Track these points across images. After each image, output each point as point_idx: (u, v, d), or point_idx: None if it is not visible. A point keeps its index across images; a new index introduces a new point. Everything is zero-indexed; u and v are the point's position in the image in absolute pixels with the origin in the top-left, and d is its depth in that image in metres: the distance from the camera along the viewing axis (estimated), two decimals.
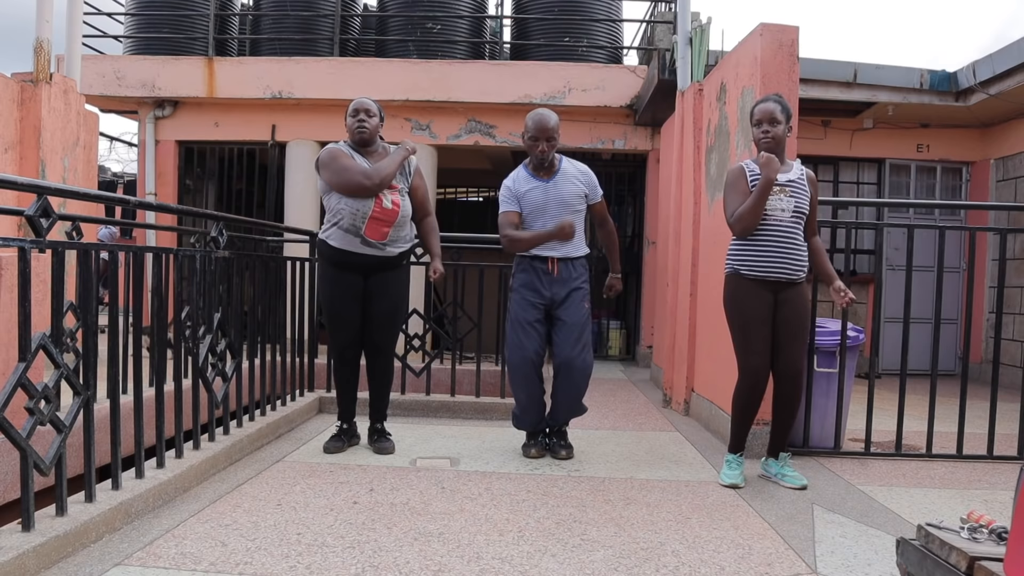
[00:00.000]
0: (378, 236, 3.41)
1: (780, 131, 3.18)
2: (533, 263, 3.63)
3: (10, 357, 3.47)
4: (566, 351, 3.58)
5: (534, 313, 3.62)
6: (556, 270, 3.60)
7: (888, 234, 7.37)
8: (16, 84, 5.09)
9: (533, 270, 3.63)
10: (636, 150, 7.95)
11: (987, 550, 1.77)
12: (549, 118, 3.58)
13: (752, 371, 3.20)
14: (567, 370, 3.59)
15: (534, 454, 3.67)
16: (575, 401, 3.67)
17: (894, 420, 3.82)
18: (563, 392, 3.64)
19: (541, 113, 3.60)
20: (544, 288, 3.61)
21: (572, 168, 3.69)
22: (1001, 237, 3.88)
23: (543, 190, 3.61)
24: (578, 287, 3.64)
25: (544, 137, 3.55)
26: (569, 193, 3.62)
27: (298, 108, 7.78)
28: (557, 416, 3.71)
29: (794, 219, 3.18)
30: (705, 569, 2.27)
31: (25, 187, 2.20)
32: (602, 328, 8.68)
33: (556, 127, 3.59)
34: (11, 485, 3.53)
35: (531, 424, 3.73)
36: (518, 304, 3.65)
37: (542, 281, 3.62)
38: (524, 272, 3.66)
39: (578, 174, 3.67)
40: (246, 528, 2.49)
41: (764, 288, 3.19)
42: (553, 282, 3.61)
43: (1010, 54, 5.88)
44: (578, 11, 8.00)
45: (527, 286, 3.64)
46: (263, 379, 3.98)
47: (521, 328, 3.62)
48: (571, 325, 3.59)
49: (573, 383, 3.61)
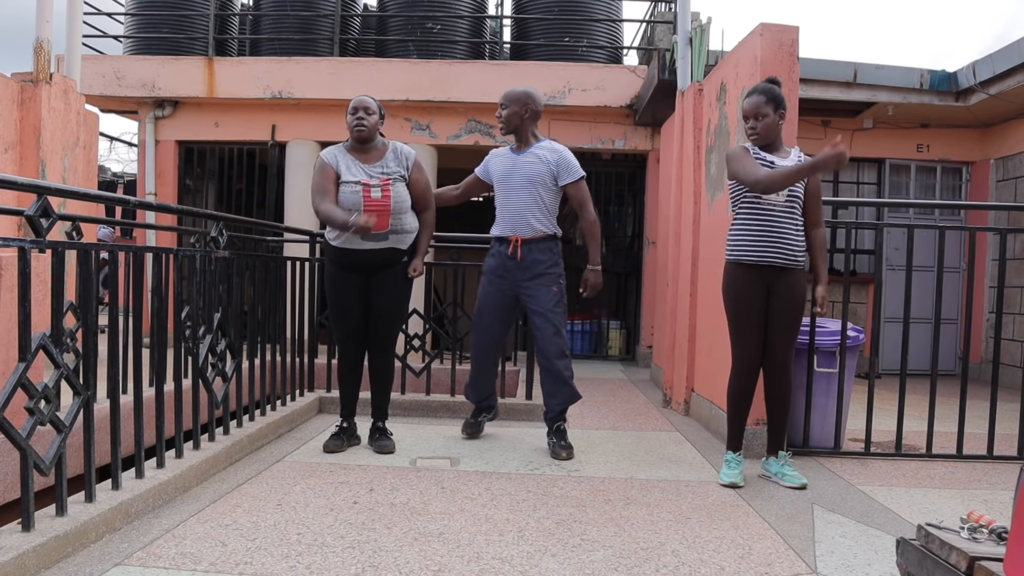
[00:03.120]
0: (379, 227, 3.41)
1: (768, 123, 3.18)
2: (500, 247, 3.80)
3: (10, 357, 3.47)
4: (539, 338, 3.74)
5: (498, 299, 3.81)
6: (519, 253, 3.70)
7: (888, 234, 7.37)
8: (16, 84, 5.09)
9: (499, 254, 3.79)
10: (636, 150, 7.95)
11: (987, 550, 1.77)
12: (514, 88, 3.78)
13: (743, 359, 3.24)
14: (543, 356, 3.74)
15: (467, 435, 3.98)
16: (560, 384, 3.73)
17: (894, 420, 3.82)
18: (545, 378, 3.78)
19: (511, 87, 3.82)
20: (508, 273, 3.76)
21: (546, 145, 3.78)
22: (1001, 237, 3.88)
23: (512, 162, 3.77)
24: (543, 272, 3.71)
25: (501, 104, 3.74)
26: (534, 169, 3.70)
27: (298, 108, 7.78)
28: (551, 407, 3.78)
29: (788, 204, 3.18)
30: (705, 569, 2.27)
31: (25, 187, 2.20)
32: (602, 328, 8.68)
33: (514, 96, 3.72)
34: (11, 485, 3.53)
35: (475, 395, 3.99)
36: (484, 289, 3.86)
37: (506, 266, 3.76)
38: (492, 257, 3.85)
39: (547, 152, 3.73)
40: (246, 528, 2.49)
41: (758, 277, 3.19)
42: (517, 267, 3.73)
43: (1010, 54, 5.88)
44: (578, 11, 8.00)
45: (494, 271, 3.82)
46: (263, 379, 3.98)
47: (482, 311, 3.85)
48: (536, 311, 3.73)
49: (553, 368, 3.72)
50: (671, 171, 5.72)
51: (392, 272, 3.56)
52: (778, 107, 3.19)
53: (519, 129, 3.75)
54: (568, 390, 3.75)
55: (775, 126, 3.20)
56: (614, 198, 9.04)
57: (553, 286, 3.71)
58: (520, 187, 3.69)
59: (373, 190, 3.43)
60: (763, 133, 3.20)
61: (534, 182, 3.68)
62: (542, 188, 3.68)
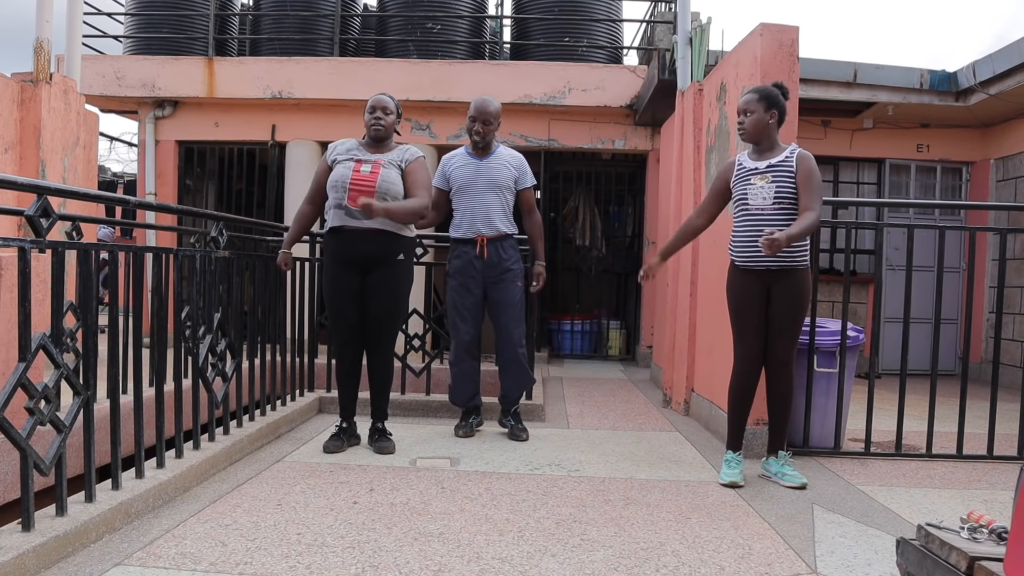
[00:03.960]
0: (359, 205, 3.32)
1: (756, 119, 3.20)
2: (464, 248, 3.94)
3: (10, 357, 3.47)
4: (504, 328, 3.96)
5: (469, 299, 3.97)
6: (486, 252, 3.90)
7: (888, 234, 7.37)
8: (16, 84, 5.09)
9: (464, 255, 3.95)
10: (636, 150, 7.95)
11: (987, 550, 1.77)
12: (489, 103, 3.94)
13: (744, 359, 3.26)
14: (508, 345, 3.98)
15: (461, 434, 4.04)
16: (521, 371, 4.05)
17: (894, 420, 3.82)
18: (510, 366, 4.02)
19: (483, 98, 3.98)
20: (476, 272, 3.94)
21: (506, 153, 4.03)
22: (1001, 237, 3.88)
23: (475, 167, 3.95)
24: (508, 268, 3.96)
25: (480, 119, 3.90)
26: (499, 175, 3.93)
27: (298, 108, 7.78)
28: (508, 391, 4.07)
29: (778, 205, 3.15)
30: (705, 569, 2.27)
31: (25, 187, 2.20)
32: (602, 328, 8.68)
33: (494, 112, 3.93)
34: (11, 485, 3.53)
35: (462, 399, 4.11)
36: (454, 290, 4.00)
37: (475, 265, 3.92)
38: (458, 258, 3.97)
39: (510, 158, 4.00)
40: (246, 528, 2.49)
41: (757, 279, 3.20)
42: (485, 265, 3.91)
43: (1010, 54, 5.88)
44: (578, 11, 7.99)
45: (461, 272, 3.97)
46: (263, 379, 3.98)
47: (457, 313, 3.99)
48: (504, 304, 3.95)
49: (513, 356, 3.99)
50: (671, 171, 5.72)
51: (388, 273, 3.55)
52: (770, 107, 3.18)
53: (487, 140, 3.97)
54: (528, 377, 4.14)
55: (764, 125, 3.19)
56: (614, 198, 9.04)
57: (518, 281, 3.99)
58: (485, 191, 3.91)
59: (363, 166, 3.50)
60: (750, 129, 3.22)
61: (500, 186, 3.93)
62: (506, 191, 3.96)
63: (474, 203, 3.91)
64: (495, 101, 3.99)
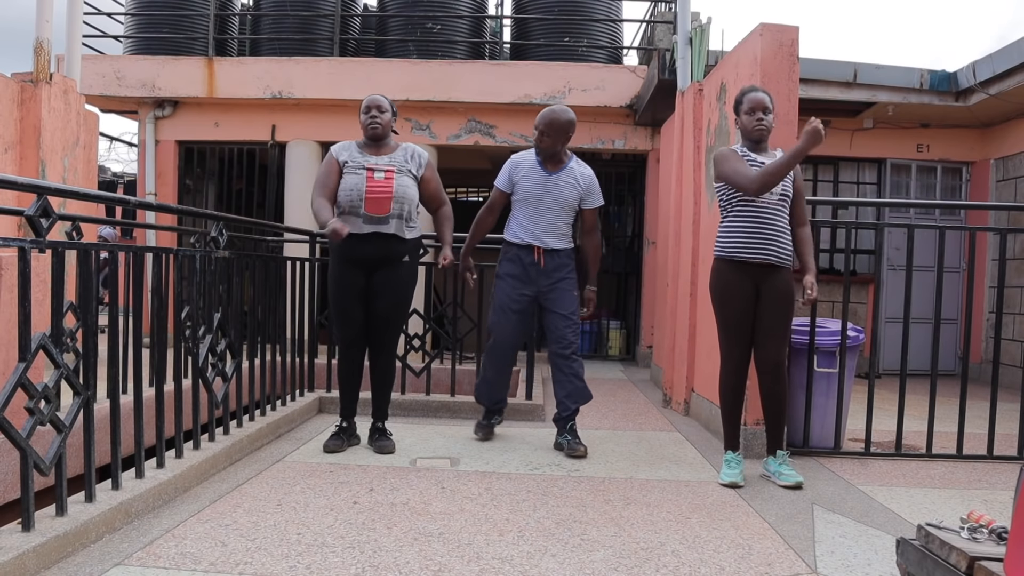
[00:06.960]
0: (379, 210, 3.44)
1: (771, 120, 3.25)
2: (520, 253, 3.79)
3: (10, 357, 3.47)
4: (562, 338, 3.76)
5: (519, 302, 3.80)
6: (543, 261, 3.76)
7: (888, 234, 7.37)
8: (16, 84, 5.09)
9: (520, 260, 3.79)
10: (636, 150, 7.95)
11: (987, 550, 1.77)
12: (559, 116, 3.69)
13: (731, 356, 3.27)
14: (563, 357, 3.77)
15: (480, 436, 3.95)
16: (578, 385, 3.79)
17: (894, 420, 3.82)
18: (565, 378, 3.79)
19: (553, 110, 3.72)
20: (531, 279, 3.78)
21: (578, 170, 3.82)
22: (1001, 237, 3.88)
23: (544, 182, 3.77)
24: (564, 277, 3.79)
25: (550, 132, 3.69)
26: (567, 193, 3.77)
27: (298, 108, 7.78)
28: (566, 405, 3.81)
29: (780, 202, 3.21)
30: (705, 569, 2.27)
31: (25, 187, 2.20)
32: (602, 328, 8.68)
33: (566, 124, 3.69)
34: (11, 485, 3.53)
35: (490, 398, 3.98)
36: (503, 291, 3.83)
37: (528, 272, 3.79)
38: (511, 262, 3.84)
39: (580, 177, 3.81)
40: (246, 528, 2.49)
41: (746, 274, 3.21)
42: (540, 273, 3.77)
43: (1010, 54, 5.88)
44: (578, 11, 7.99)
45: (513, 275, 3.82)
46: (263, 379, 3.98)
47: (504, 313, 3.81)
48: (563, 316, 3.76)
49: (572, 369, 3.77)
50: (671, 171, 5.72)
51: (393, 274, 3.56)
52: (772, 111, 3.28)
53: (556, 152, 3.78)
54: (586, 390, 3.84)
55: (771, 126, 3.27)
56: (614, 198, 9.02)
57: (573, 291, 3.82)
58: (553, 207, 3.76)
59: (376, 173, 3.49)
60: (769, 127, 3.25)
61: (566, 205, 3.78)
62: (571, 210, 3.81)
63: (539, 216, 3.75)
64: (567, 112, 3.70)
